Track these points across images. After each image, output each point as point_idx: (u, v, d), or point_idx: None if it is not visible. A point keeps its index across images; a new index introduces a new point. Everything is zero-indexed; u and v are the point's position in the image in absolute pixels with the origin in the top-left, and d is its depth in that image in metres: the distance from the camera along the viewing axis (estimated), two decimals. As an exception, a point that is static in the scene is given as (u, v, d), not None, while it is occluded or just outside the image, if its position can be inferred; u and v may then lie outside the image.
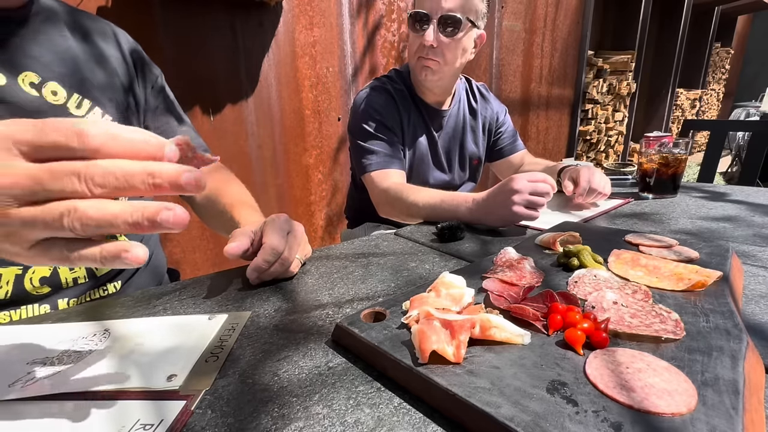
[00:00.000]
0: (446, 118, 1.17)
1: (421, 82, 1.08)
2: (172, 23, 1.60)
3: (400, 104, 1.11)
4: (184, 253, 1.80)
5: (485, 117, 1.25)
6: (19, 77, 0.60)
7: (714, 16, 5.96)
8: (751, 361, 0.34)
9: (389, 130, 1.07)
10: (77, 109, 0.65)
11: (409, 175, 1.13)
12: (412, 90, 1.13)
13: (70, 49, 0.66)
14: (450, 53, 1.01)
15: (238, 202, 0.74)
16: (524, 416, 0.28)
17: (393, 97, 1.10)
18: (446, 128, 1.18)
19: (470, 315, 0.38)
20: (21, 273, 0.61)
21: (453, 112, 1.18)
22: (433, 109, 1.14)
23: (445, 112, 1.16)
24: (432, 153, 1.16)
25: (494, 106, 1.27)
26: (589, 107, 4.02)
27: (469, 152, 1.23)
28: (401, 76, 1.15)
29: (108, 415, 0.32)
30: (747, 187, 1.11)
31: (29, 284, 0.62)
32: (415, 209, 0.92)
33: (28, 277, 0.62)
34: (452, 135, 1.19)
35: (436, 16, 0.97)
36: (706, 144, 1.76)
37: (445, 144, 1.18)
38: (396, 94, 1.11)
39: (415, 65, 1.05)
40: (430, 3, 0.97)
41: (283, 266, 0.56)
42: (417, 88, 1.13)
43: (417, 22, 1.00)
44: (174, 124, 0.81)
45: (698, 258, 0.55)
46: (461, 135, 1.21)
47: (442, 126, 1.17)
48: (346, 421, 0.32)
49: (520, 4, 3.14)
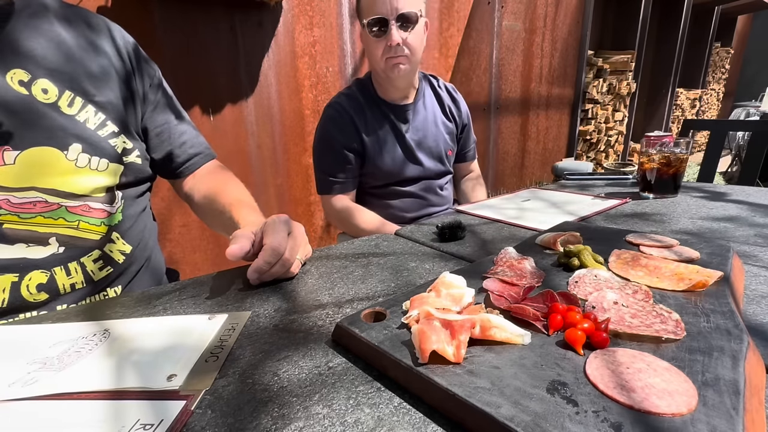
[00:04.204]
0: (411, 112, 1.22)
1: (394, 79, 1.13)
2: (171, 23, 1.60)
3: (362, 110, 1.17)
4: (184, 253, 1.80)
5: (456, 116, 1.31)
6: (7, 75, 0.59)
7: (714, 16, 5.96)
8: (752, 361, 0.34)
9: (342, 153, 1.16)
10: (69, 108, 0.63)
11: (385, 171, 1.19)
12: (374, 94, 1.19)
13: (63, 43, 0.65)
14: (414, 45, 1.09)
15: (238, 201, 0.74)
16: (524, 416, 0.28)
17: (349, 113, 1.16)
18: (414, 122, 1.22)
19: (470, 315, 0.38)
20: (17, 280, 0.61)
21: (419, 106, 1.23)
22: (397, 106, 1.20)
23: (410, 106, 1.21)
24: (402, 148, 1.20)
25: (463, 108, 1.34)
26: (589, 107, 4.02)
27: (443, 143, 1.27)
28: (362, 84, 1.21)
29: (108, 415, 0.32)
30: (748, 187, 1.10)
31: (26, 291, 0.62)
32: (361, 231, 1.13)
33: (25, 284, 0.61)
34: (422, 128, 1.23)
35: (393, 16, 1.03)
36: (706, 144, 1.76)
37: (414, 137, 1.22)
38: (356, 102, 1.17)
39: (384, 67, 1.10)
40: (384, 7, 1.03)
41: (284, 267, 0.56)
42: (381, 89, 1.19)
43: (376, 27, 1.05)
44: (174, 121, 0.81)
45: (699, 258, 0.54)
46: (433, 127, 1.25)
47: (408, 119, 1.21)
48: (346, 421, 0.32)
49: (520, 3, 3.14)
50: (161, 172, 0.82)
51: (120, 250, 0.71)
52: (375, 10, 1.03)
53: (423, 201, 1.25)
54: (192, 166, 0.83)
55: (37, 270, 0.62)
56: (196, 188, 0.82)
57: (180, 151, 0.81)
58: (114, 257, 0.70)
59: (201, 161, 0.84)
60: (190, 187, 0.83)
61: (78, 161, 0.64)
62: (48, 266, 0.63)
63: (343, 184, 1.19)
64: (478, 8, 2.85)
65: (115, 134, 0.68)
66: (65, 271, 0.65)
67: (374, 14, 1.04)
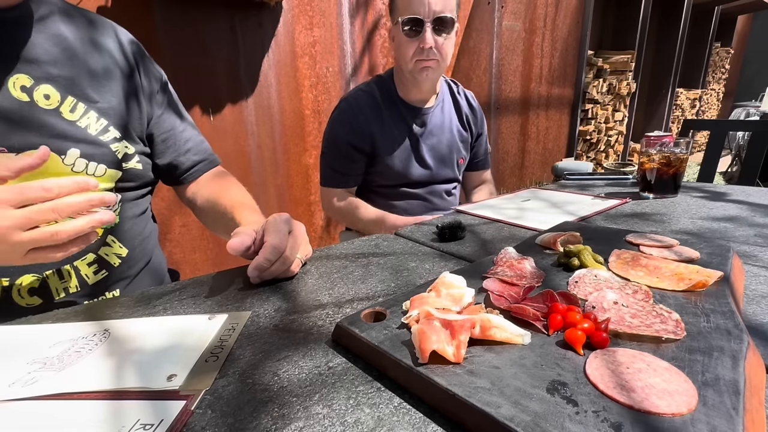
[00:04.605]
0: (429, 116, 1.21)
1: (420, 82, 1.12)
2: (172, 23, 1.60)
3: (378, 109, 1.16)
4: (184, 253, 1.80)
5: (472, 124, 1.31)
6: (9, 81, 0.59)
7: (714, 16, 5.95)
8: (752, 361, 0.34)
9: (349, 150, 1.15)
10: (71, 113, 0.63)
11: (394, 172, 1.19)
12: (394, 93, 1.18)
13: (68, 48, 0.65)
14: (446, 51, 1.08)
15: (239, 204, 0.74)
16: (524, 416, 0.28)
17: (366, 107, 1.15)
18: (430, 125, 1.21)
19: (470, 315, 0.38)
20: (8, 285, 0.61)
21: (437, 111, 1.22)
22: (416, 108, 1.19)
23: (428, 110, 1.20)
24: (415, 151, 1.20)
25: (480, 117, 1.33)
26: (589, 107, 4.02)
27: (456, 151, 1.26)
28: (382, 81, 1.20)
29: (108, 415, 0.32)
30: (748, 187, 1.10)
31: (17, 296, 0.61)
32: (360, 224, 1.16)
33: (16, 288, 0.61)
34: (436, 133, 1.22)
35: (429, 18, 1.02)
36: (706, 144, 1.76)
37: (428, 141, 1.21)
38: (372, 100, 1.16)
39: (412, 68, 1.09)
40: (422, 7, 1.01)
41: (284, 265, 0.56)
42: (403, 89, 1.18)
43: (410, 27, 1.04)
44: (179, 127, 0.81)
45: (699, 258, 0.54)
46: (448, 134, 1.24)
47: (425, 123, 1.21)
48: (346, 421, 0.32)
49: (520, 3, 3.14)
50: (164, 178, 0.82)
51: (116, 253, 0.71)
52: (412, 9, 1.02)
53: (428, 204, 1.25)
54: (196, 173, 0.83)
55: (29, 274, 0.62)
56: (198, 194, 0.82)
57: (184, 158, 0.81)
58: (110, 261, 0.70)
59: (205, 168, 0.85)
60: (193, 193, 0.83)
61: (75, 166, 0.64)
62: (40, 270, 0.63)
63: (346, 180, 1.19)
64: (478, 8, 2.85)
65: (117, 140, 0.68)
66: (58, 275, 0.64)
67: (411, 13, 1.02)
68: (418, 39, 1.04)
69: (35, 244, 0.46)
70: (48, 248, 0.48)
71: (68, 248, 0.49)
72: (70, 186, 0.47)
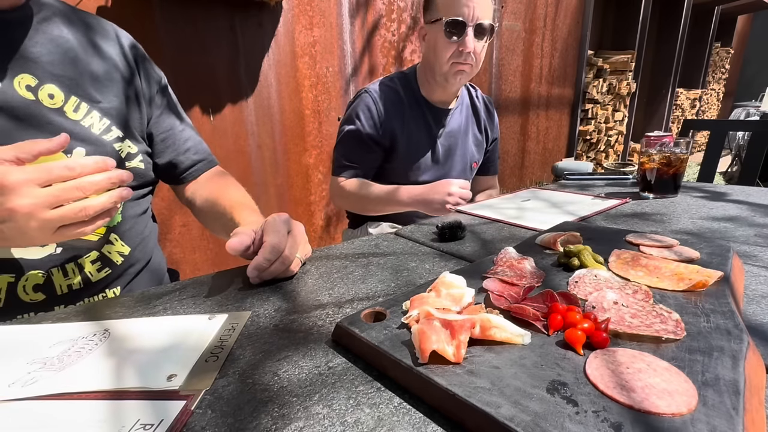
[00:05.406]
0: (449, 118, 1.22)
1: (451, 84, 1.13)
2: (172, 23, 1.60)
3: (401, 105, 1.16)
4: (184, 253, 1.80)
5: (489, 129, 1.32)
6: (15, 80, 0.59)
7: (714, 16, 5.96)
8: (752, 361, 0.34)
9: (366, 143, 1.15)
10: (74, 113, 0.64)
11: (409, 169, 1.19)
12: (417, 92, 1.18)
13: (71, 49, 0.65)
14: (481, 56, 1.10)
15: (239, 204, 0.74)
16: (524, 416, 0.28)
17: (389, 102, 1.14)
18: (448, 127, 1.22)
19: (470, 315, 0.38)
20: (14, 281, 0.61)
21: (456, 113, 1.23)
22: (437, 109, 1.19)
23: (449, 112, 1.21)
24: (431, 150, 1.20)
25: (496, 122, 1.35)
26: (589, 107, 4.02)
27: (470, 155, 1.27)
28: (406, 78, 1.19)
29: (108, 415, 0.32)
30: (748, 187, 1.10)
31: (23, 292, 0.62)
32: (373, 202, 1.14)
33: (21, 284, 0.61)
34: (454, 135, 1.23)
35: (472, 23, 1.02)
36: (706, 144, 1.76)
37: (445, 142, 1.22)
38: (396, 96, 1.16)
39: (447, 70, 1.09)
40: (467, 10, 1.01)
41: (283, 265, 0.56)
42: (427, 88, 1.18)
43: (453, 30, 1.04)
44: (178, 127, 0.81)
45: (699, 258, 0.54)
46: (464, 137, 1.25)
47: (444, 125, 1.21)
48: (346, 421, 0.32)
49: (520, 3, 3.14)
50: (164, 177, 0.83)
51: (119, 251, 0.71)
52: (456, 11, 1.02)
53: None
54: (195, 172, 0.84)
55: (34, 270, 0.62)
56: (197, 193, 0.83)
57: (184, 158, 0.82)
58: (112, 258, 0.70)
59: (204, 168, 0.85)
60: (192, 192, 0.83)
61: None
62: (45, 267, 0.63)
63: (358, 171, 1.17)
64: (478, 8, 2.84)
65: (119, 139, 0.69)
66: (62, 273, 0.65)
67: (454, 15, 1.02)
68: (458, 42, 1.04)
69: (64, 220, 0.48)
70: (77, 224, 0.49)
71: (95, 222, 0.51)
72: (92, 165, 0.49)
